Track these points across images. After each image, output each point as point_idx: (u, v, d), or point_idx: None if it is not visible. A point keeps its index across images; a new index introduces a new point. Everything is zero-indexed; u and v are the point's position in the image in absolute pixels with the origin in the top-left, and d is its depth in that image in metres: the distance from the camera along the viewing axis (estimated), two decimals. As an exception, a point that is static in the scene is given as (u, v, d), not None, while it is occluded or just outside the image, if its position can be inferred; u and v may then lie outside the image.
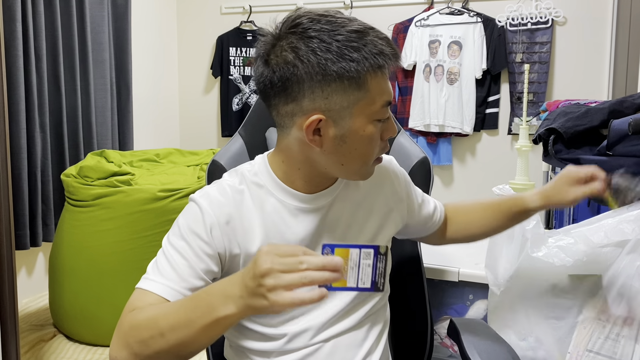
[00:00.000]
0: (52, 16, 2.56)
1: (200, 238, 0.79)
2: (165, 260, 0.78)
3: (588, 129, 1.47)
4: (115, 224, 2.08)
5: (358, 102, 0.75)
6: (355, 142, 0.77)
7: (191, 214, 0.81)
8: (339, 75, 0.72)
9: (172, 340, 0.67)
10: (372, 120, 0.77)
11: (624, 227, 1.15)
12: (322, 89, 0.73)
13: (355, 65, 0.72)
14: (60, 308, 2.18)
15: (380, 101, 0.76)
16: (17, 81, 2.31)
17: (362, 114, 0.76)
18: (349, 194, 0.90)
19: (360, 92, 0.74)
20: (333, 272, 0.60)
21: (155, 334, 0.68)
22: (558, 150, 1.53)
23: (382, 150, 0.82)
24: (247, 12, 3.58)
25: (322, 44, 0.72)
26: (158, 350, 0.68)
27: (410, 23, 3.22)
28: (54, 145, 2.63)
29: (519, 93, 3.11)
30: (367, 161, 0.81)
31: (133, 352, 0.70)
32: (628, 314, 1.13)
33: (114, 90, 3.01)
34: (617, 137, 1.36)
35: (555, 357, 1.23)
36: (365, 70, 0.73)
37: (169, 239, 0.81)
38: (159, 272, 0.77)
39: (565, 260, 1.21)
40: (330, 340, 0.87)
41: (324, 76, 0.72)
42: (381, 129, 0.79)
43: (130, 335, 0.71)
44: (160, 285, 0.76)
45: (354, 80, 0.73)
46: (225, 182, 0.86)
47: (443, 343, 1.74)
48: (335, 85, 0.73)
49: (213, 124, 3.77)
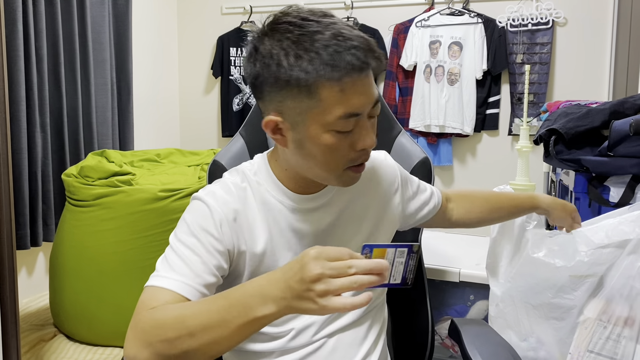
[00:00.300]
0: (52, 16, 2.56)
1: (211, 234, 0.79)
2: (176, 257, 0.77)
3: (589, 129, 1.47)
4: (116, 224, 2.08)
5: (310, 110, 0.73)
6: (314, 149, 0.76)
7: (199, 211, 0.81)
8: (289, 82, 0.72)
9: (203, 340, 0.65)
10: (329, 130, 0.74)
11: (625, 228, 1.16)
12: (277, 92, 0.74)
13: (304, 74, 0.70)
14: (61, 308, 2.18)
15: (336, 112, 0.72)
16: (18, 81, 2.32)
17: (315, 123, 0.74)
18: (345, 196, 0.90)
19: (312, 100, 0.72)
20: (379, 275, 0.61)
21: (183, 334, 0.66)
22: (559, 151, 1.53)
23: (359, 159, 0.79)
24: (248, 12, 3.58)
25: (282, 50, 0.72)
26: (186, 350, 0.66)
27: (410, 24, 3.22)
28: (55, 145, 2.63)
29: (519, 94, 3.11)
30: (331, 169, 0.78)
31: (156, 352, 0.67)
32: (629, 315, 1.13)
33: (114, 90, 3.01)
34: (618, 138, 1.36)
35: (556, 357, 1.23)
36: (316, 80, 0.70)
37: (177, 236, 0.80)
38: (171, 269, 0.76)
39: (566, 261, 1.21)
40: (334, 335, 0.87)
41: (277, 80, 0.73)
42: (351, 138, 0.75)
43: (153, 335, 0.68)
44: (174, 281, 0.74)
45: (305, 89, 0.71)
46: (228, 180, 0.86)
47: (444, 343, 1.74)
48: (287, 90, 0.73)
49: (213, 124, 3.77)
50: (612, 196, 1.43)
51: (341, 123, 0.73)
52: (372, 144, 0.76)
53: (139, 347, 0.68)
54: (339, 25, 0.72)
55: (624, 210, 1.21)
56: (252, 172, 0.87)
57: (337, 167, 0.78)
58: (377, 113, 0.78)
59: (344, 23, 0.74)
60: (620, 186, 1.42)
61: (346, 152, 0.76)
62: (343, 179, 0.80)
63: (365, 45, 0.72)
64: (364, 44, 0.72)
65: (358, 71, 0.71)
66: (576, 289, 1.20)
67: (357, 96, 0.72)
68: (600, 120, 1.45)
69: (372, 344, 0.91)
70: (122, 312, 2.06)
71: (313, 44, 0.70)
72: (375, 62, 0.72)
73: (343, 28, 0.72)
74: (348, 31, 0.72)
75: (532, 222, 1.34)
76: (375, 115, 0.78)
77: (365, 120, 0.75)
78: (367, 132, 0.76)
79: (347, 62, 0.70)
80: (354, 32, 0.72)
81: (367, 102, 0.74)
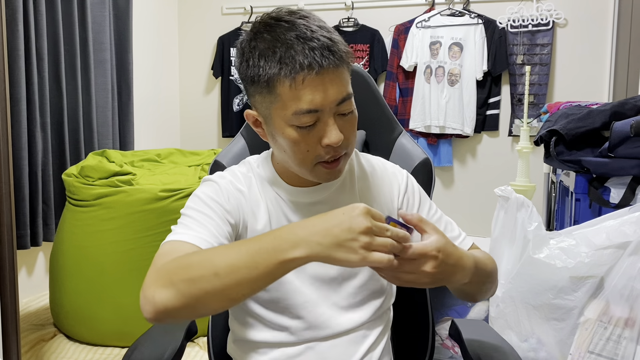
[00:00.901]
0: (53, 16, 2.56)
1: (222, 206, 0.83)
2: (191, 220, 0.80)
3: (589, 130, 1.47)
4: (116, 224, 2.08)
5: (273, 105, 0.78)
6: (283, 142, 0.80)
7: (210, 187, 0.86)
8: (254, 78, 0.77)
9: (228, 281, 0.66)
10: (291, 125, 0.77)
11: (626, 229, 1.16)
12: (249, 88, 0.80)
13: (263, 71, 0.75)
14: (61, 308, 2.18)
15: (292, 108, 0.75)
16: (19, 81, 2.32)
17: (278, 117, 0.78)
18: (344, 196, 0.91)
19: (272, 96, 0.77)
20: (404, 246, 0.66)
21: (208, 273, 0.66)
22: (560, 151, 1.53)
23: (327, 155, 0.79)
24: (248, 12, 3.58)
25: (251, 50, 0.77)
26: (208, 290, 0.66)
27: (411, 24, 3.22)
28: (55, 145, 2.63)
29: (519, 95, 3.11)
30: (301, 163, 0.81)
31: (177, 291, 0.67)
32: (629, 316, 1.13)
33: (115, 90, 3.01)
34: (619, 139, 1.37)
35: (556, 358, 1.23)
36: (272, 77, 0.75)
37: (190, 206, 0.83)
38: (188, 227, 0.78)
39: (566, 262, 1.21)
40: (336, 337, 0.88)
41: (247, 77, 0.79)
42: (318, 134, 0.78)
43: (177, 274, 0.67)
44: (193, 236, 0.76)
45: (265, 84, 0.76)
46: (235, 168, 0.92)
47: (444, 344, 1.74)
48: (255, 87, 0.78)
49: (214, 124, 3.77)
50: (613, 197, 1.43)
51: (299, 118, 0.76)
52: (337, 140, 0.77)
53: (160, 286, 0.68)
54: (308, 26, 0.75)
55: (624, 212, 1.21)
56: (256, 164, 0.92)
57: (306, 161, 0.80)
58: (347, 110, 0.79)
59: (317, 24, 0.77)
60: (621, 187, 1.43)
61: (312, 148, 0.79)
62: (316, 174, 0.83)
63: (324, 44, 0.74)
64: (323, 44, 0.74)
65: (308, 69, 0.73)
66: (577, 290, 1.20)
67: (311, 93, 0.75)
68: (601, 121, 1.46)
69: (374, 342, 0.91)
70: (122, 312, 2.06)
71: (275, 44, 0.75)
72: (330, 62, 0.74)
73: (310, 29, 0.75)
74: (312, 32, 0.75)
75: (533, 223, 1.34)
76: (345, 112, 0.79)
77: (328, 117, 0.77)
78: (331, 129, 0.77)
79: (298, 61, 0.73)
80: (320, 32, 0.75)
81: (324, 99, 0.75)
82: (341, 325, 0.88)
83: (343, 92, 0.77)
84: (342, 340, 0.88)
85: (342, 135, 0.78)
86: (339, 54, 0.75)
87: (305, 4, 3.46)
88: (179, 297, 0.67)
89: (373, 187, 0.94)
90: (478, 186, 3.25)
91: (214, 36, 3.63)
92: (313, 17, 0.79)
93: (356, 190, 0.93)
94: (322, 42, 0.74)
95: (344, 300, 0.88)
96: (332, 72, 0.75)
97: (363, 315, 0.90)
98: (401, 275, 0.69)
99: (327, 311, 0.87)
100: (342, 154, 0.81)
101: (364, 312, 0.90)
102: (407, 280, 0.69)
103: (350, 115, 0.80)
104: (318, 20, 0.78)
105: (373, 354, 0.91)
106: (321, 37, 0.75)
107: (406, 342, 1.15)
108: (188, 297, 0.67)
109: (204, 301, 0.67)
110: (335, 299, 0.88)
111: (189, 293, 0.67)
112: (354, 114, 0.82)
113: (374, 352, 0.91)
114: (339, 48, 0.76)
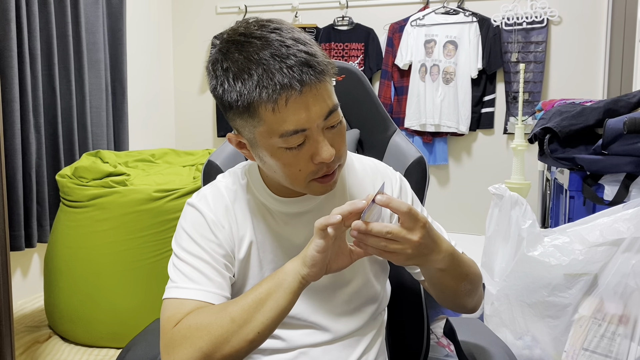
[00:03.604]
0: (46, 16, 2.54)
1: (210, 240, 0.81)
2: (187, 266, 0.79)
3: (583, 128, 1.47)
4: (110, 225, 2.07)
5: (256, 129, 0.73)
6: (273, 164, 0.76)
7: (194, 218, 0.83)
8: (231, 103, 0.72)
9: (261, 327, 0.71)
10: (279, 148, 0.73)
11: (620, 226, 1.16)
12: (228, 112, 0.75)
13: (241, 97, 0.70)
14: (56, 309, 2.17)
15: (278, 131, 0.71)
16: (12, 81, 2.30)
17: (264, 141, 0.73)
18: (335, 201, 0.88)
19: (255, 120, 0.72)
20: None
21: (227, 323, 0.71)
22: (553, 149, 1.54)
23: (320, 171, 0.76)
24: (243, 12, 3.57)
25: (224, 72, 0.72)
26: (239, 349, 0.71)
27: (405, 23, 3.22)
28: (49, 145, 2.61)
29: (514, 92, 3.11)
30: (294, 182, 0.77)
31: (199, 349, 0.70)
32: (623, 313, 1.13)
33: (109, 90, 3.00)
34: (613, 136, 1.37)
35: (551, 355, 1.23)
36: (252, 101, 0.70)
37: (180, 245, 0.82)
38: (188, 279, 0.78)
39: (561, 259, 1.21)
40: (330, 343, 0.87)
41: (223, 101, 0.74)
42: (309, 151, 0.74)
43: (199, 337, 0.71)
44: (196, 291, 0.77)
45: (245, 109, 0.71)
46: (220, 183, 0.88)
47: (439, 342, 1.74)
48: (234, 111, 0.73)
49: (209, 124, 3.76)
50: (607, 194, 1.44)
51: (286, 140, 0.72)
52: (329, 156, 0.73)
53: (184, 353, 0.71)
54: (282, 41, 0.70)
55: (618, 209, 1.22)
56: (243, 173, 0.89)
57: (299, 180, 0.77)
58: (335, 122, 0.74)
59: (292, 37, 0.71)
60: (615, 184, 1.43)
61: (305, 166, 0.75)
62: (311, 190, 0.79)
63: (301, 60, 0.69)
64: (300, 60, 0.69)
65: (288, 89, 0.68)
66: (571, 287, 1.20)
67: (296, 114, 0.70)
68: (595, 118, 1.46)
69: (368, 345, 0.90)
70: (117, 313, 2.05)
71: (249, 65, 0.69)
72: (310, 77, 0.69)
73: (285, 44, 0.70)
74: (287, 48, 0.69)
75: (527, 220, 1.34)
76: (333, 124, 0.75)
77: (317, 134, 0.73)
78: (322, 146, 0.73)
79: (277, 82, 0.68)
80: (296, 47, 0.70)
81: (309, 117, 0.71)
82: (336, 332, 0.87)
83: (329, 106, 0.72)
84: (336, 345, 0.87)
85: (334, 149, 0.74)
86: (319, 67, 0.70)
87: (300, 3, 3.45)
88: (200, 355, 0.70)
89: (364, 190, 0.91)
90: (473, 184, 3.26)
91: (208, 35, 3.61)
92: (286, 28, 0.72)
93: (347, 196, 0.90)
94: (299, 57, 0.69)
95: (338, 308, 0.87)
96: (314, 87, 0.70)
97: (358, 321, 0.89)
98: (389, 243, 0.68)
99: (322, 320, 0.86)
100: (336, 167, 0.78)
101: (358, 319, 0.89)
102: (393, 249, 0.68)
103: (339, 126, 0.76)
104: (291, 31, 0.72)
105: (368, 356, 0.90)
106: (298, 53, 0.69)
107: (401, 341, 1.15)
108: (217, 357, 0.71)
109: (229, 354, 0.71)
110: (329, 307, 0.87)
111: (211, 349, 0.70)
112: (343, 123, 0.77)
113: (369, 354, 0.90)
114: (318, 61, 0.70)
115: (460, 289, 0.84)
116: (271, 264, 0.86)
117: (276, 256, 0.86)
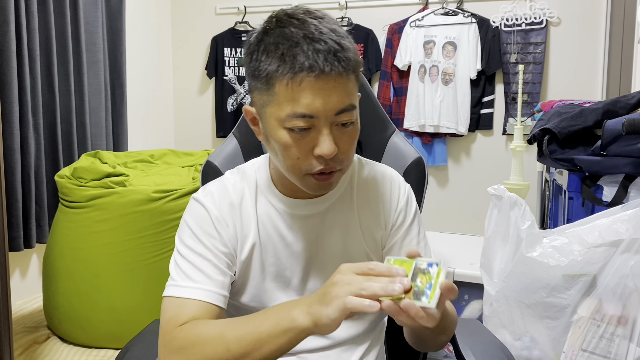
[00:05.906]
0: (45, 17, 2.54)
1: (214, 237, 0.81)
2: (188, 264, 0.79)
3: (582, 129, 1.47)
4: (109, 225, 2.07)
5: (269, 103, 0.74)
6: (275, 145, 0.76)
7: (198, 214, 0.83)
8: (254, 74, 0.74)
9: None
10: (284, 127, 0.73)
11: (618, 227, 1.16)
12: (251, 83, 0.77)
13: (264, 67, 0.72)
14: (54, 310, 2.17)
15: (286, 109, 0.71)
16: (11, 82, 2.30)
17: (272, 117, 0.74)
18: (343, 208, 0.87)
19: (269, 94, 0.73)
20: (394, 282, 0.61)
21: (222, 350, 0.69)
22: (552, 150, 1.54)
23: (317, 166, 0.74)
24: (242, 12, 3.57)
25: (258, 45, 0.74)
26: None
27: (405, 24, 3.22)
28: (48, 146, 2.61)
29: (513, 93, 3.12)
30: (290, 170, 0.76)
31: None
32: (622, 314, 1.13)
33: (108, 90, 2.99)
34: (611, 137, 1.37)
35: (550, 356, 1.23)
36: (271, 74, 0.71)
37: (183, 241, 0.82)
38: (187, 277, 0.78)
39: (559, 260, 1.21)
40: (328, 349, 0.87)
41: (248, 69, 0.76)
42: (311, 143, 0.73)
43: (193, 353, 0.70)
44: (195, 290, 0.77)
45: (264, 81, 0.73)
46: (227, 180, 0.88)
47: (438, 343, 1.74)
48: (255, 82, 0.75)
49: (208, 124, 3.76)
50: (605, 195, 1.44)
51: (292, 121, 0.71)
52: (329, 152, 0.72)
53: None
54: (319, 27, 0.71)
55: (617, 210, 1.22)
56: (252, 170, 0.89)
57: (295, 169, 0.76)
58: (346, 121, 0.73)
59: (330, 27, 0.72)
60: (613, 185, 1.43)
61: (303, 156, 0.74)
62: (305, 184, 0.78)
63: (330, 48, 0.69)
64: (329, 48, 0.69)
65: (308, 71, 0.69)
66: (570, 288, 1.20)
67: (309, 97, 0.70)
68: (593, 119, 1.46)
69: (367, 349, 0.90)
70: (116, 314, 2.05)
71: (281, 40, 0.71)
72: (333, 68, 0.69)
73: (320, 30, 0.71)
74: (320, 34, 0.70)
75: (525, 221, 1.34)
76: (344, 123, 0.73)
77: (324, 126, 0.72)
78: (324, 139, 0.72)
79: (299, 62, 0.69)
80: (329, 35, 0.70)
81: (320, 105, 0.70)
82: (334, 337, 0.87)
83: (344, 103, 0.72)
84: (335, 351, 0.87)
85: (337, 147, 0.73)
86: (345, 61, 0.70)
87: (299, 3, 3.45)
88: None
89: (372, 199, 0.89)
90: (472, 185, 3.26)
91: (207, 36, 3.62)
92: (328, 20, 0.74)
93: (354, 204, 0.88)
94: (329, 45, 0.69)
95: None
96: (334, 78, 0.70)
97: (357, 327, 0.89)
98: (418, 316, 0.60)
99: None
100: (336, 169, 0.76)
101: (358, 325, 0.89)
102: (420, 316, 0.60)
103: (351, 127, 0.75)
104: (333, 24, 0.73)
105: (368, 357, 0.90)
106: (329, 40, 0.69)
107: (400, 342, 1.15)
108: None
109: None
110: None
111: None
112: (355, 126, 0.76)
113: (367, 357, 0.90)
114: (346, 55, 0.70)
115: (436, 341, 0.84)
116: (273, 267, 0.85)
117: (278, 259, 0.85)
